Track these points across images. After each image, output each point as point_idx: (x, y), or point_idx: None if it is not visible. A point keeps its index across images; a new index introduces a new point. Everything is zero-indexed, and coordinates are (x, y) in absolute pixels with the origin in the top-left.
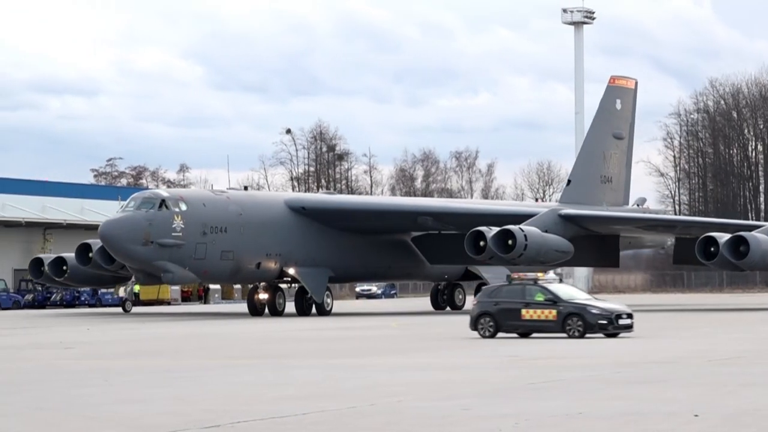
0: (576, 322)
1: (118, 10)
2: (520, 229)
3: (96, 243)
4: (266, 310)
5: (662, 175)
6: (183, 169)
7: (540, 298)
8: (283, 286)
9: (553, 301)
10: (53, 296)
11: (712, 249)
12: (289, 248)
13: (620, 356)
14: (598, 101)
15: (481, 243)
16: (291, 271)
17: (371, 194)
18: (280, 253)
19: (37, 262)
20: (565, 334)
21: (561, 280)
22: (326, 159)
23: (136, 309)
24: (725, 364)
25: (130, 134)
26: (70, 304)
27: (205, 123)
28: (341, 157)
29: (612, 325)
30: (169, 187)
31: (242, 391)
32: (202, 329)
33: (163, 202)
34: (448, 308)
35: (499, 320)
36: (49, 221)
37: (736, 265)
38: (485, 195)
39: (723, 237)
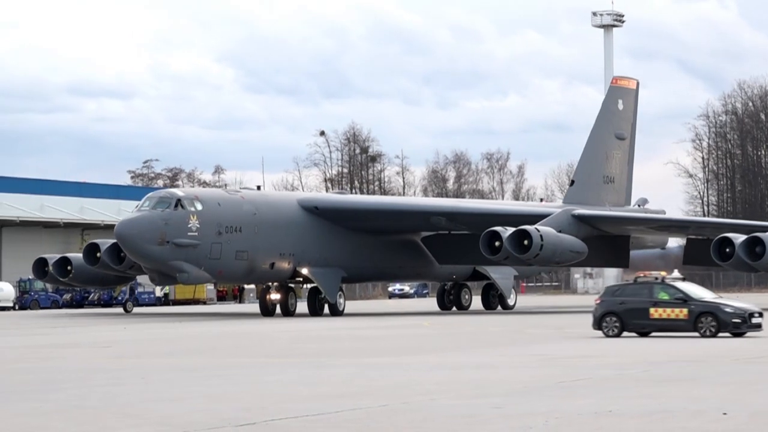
0: (709, 321)
1: (153, 14)
2: (536, 229)
3: (104, 243)
4: (277, 311)
5: (691, 176)
6: (218, 170)
7: (665, 296)
8: (294, 286)
9: (683, 299)
10: (91, 296)
11: (728, 250)
12: (302, 248)
13: (649, 355)
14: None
15: (497, 243)
16: (304, 271)
17: (404, 195)
18: (293, 253)
19: (41, 263)
20: (697, 333)
21: (684, 279)
22: (359, 161)
23: (172, 309)
24: (754, 362)
25: (165, 136)
26: (107, 304)
27: (238, 125)
28: (374, 158)
29: (745, 324)
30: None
31: (276, 390)
32: (237, 328)
33: (178, 202)
34: (454, 308)
35: (625, 319)
36: (87, 222)
37: (751, 266)
38: (516, 196)
39: (739, 238)
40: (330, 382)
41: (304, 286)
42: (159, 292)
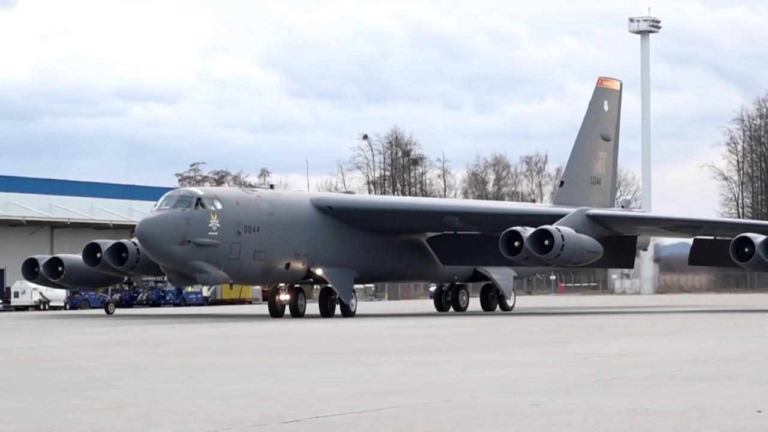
0: None
1: (199, 21)
2: (557, 229)
3: (105, 243)
4: (283, 312)
5: (726, 178)
6: (264, 173)
7: None
8: (304, 287)
9: None
10: (140, 296)
11: (746, 250)
12: (316, 248)
13: (686, 354)
14: (663, 107)
15: (516, 243)
16: (319, 271)
17: (445, 197)
18: (307, 253)
19: (31, 263)
20: None
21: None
22: (401, 164)
23: (217, 309)
24: None
25: (210, 140)
26: (155, 303)
27: (282, 129)
28: (416, 161)
29: None
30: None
31: (321, 387)
32: (282, 327)
33: (198, 201)
34: (451, 309)
35: None
36: (135, 224)
37: None
38: (554, 198)
39: (758, 238)
40: (373, 380)
41: (315, 286)
42: (206, 292)
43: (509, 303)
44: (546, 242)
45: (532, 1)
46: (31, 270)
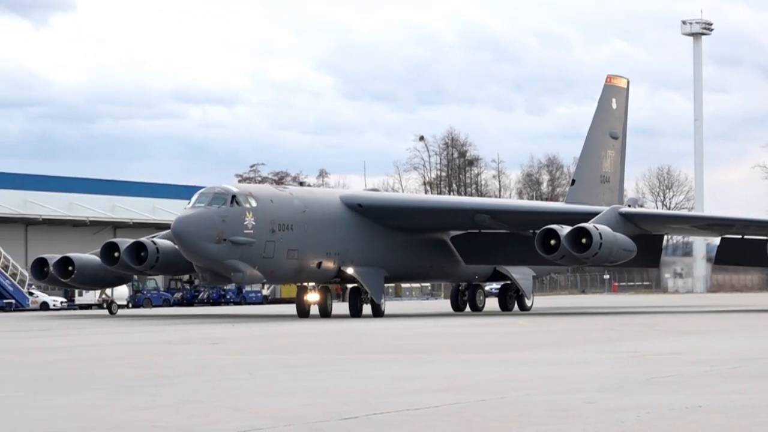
0: None
1: (254, 25)
2: (595, 227)
3: (123, 242)
4: (309, 312)
5: None
6: (322, 174)
7: None
8: (331, 286)
9: None
10: (201, 294)
11: None
12: (346, 247)
13: (739, 352)
14: (713, 109)
15: (552, 241)
16: (350, 270)
17: (500, 197)
18: (338, 252)
19: (41, 263)
20: None
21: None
22: (457, 164)
23: (275, 308)
24: None
25: (267, 141)
26: (216, 302)
27: (338, 131)
28: (471, 162)
29: None
30: None
31: (377, 385)
32: (339, 326)
33: (233, 198)
34: (468, 309)
35: None
36: None
37: None
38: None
39: None
40: (429, 378)
41: (343, 286)
42: (266, 290)
43: (528, 303)
44: (583, 240)
45: (582, 4)
46: (40, 270)
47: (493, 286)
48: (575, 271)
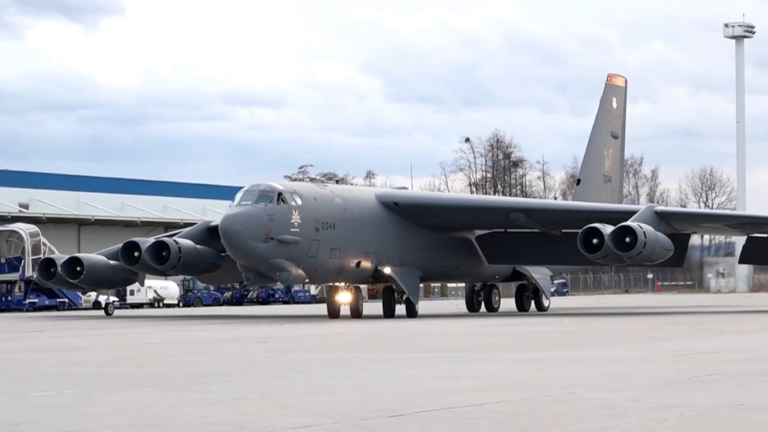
0: None
1: (301, 28)
2: (639, 226)
3: (144, 241)
4: (335, 313)
5: None
6: (369, 175)
7: None
8: (363, 286)
9: None
10: (250, 294)
11: None
12: (383, 246)
13: None
14: (754, 111)
15: (594, 241)
16: (387, 270)
17: (544, 198)
18: (375, 251)
19: (48, 263)
20: None
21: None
22: (502, 166)
23: (322, 307)
24: None
25: (314, 143)
26: (265, 302)
27: (385, 132)
28: (516, 163)
29: None
30: None
31: (424, 383)
32: (381, 326)
33: (279, 196)
34: (483, 309)
35: None
36: None
37: None
38: (651, 199)
39: None
40: (475, 376)
41: (374, 286)
42: (314, 290)
43: (546, 303)
44: (627, 240)
45: (622, 6)
46: (47, 271)
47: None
48: (618, 271)
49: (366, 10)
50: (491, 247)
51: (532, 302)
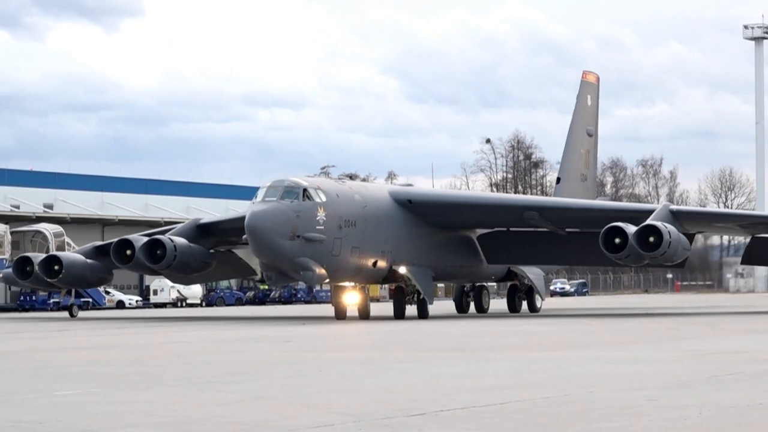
0: None
1: (320, 30)
2: (664, 225)
3: (138, 240)
4: (342, 314)
5: None
6: (391, 176)
7: None
8: (369, 286)
9: None
10: (272, 293)
11: None
12: (397, 245)
13: None
14: None
15: (616, 240)
16: (402, 270)
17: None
18: (391, 250)
19: (23, 262)
20: None
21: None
22: (523, 166)
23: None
24: None
25: (334, 144)
26: (287, 301)
27: (404, 133)
28: (537, 164)
29: None
30: None
31: (445, 382)
32: (406, 326)
33: (305, 192)
34: (472, 311)
35: None
36: None
37: None
38: (670, 199)
39: None
40: (495, 375)
41: (383, 287)
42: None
43: (539, 304)
44: (651, 239)
45: (639, 8)
46: (22, 270)
47: (564, 286)
48: (638, 271)
49: (385, 11)
50: (491, 246)
51: (524, 303)
